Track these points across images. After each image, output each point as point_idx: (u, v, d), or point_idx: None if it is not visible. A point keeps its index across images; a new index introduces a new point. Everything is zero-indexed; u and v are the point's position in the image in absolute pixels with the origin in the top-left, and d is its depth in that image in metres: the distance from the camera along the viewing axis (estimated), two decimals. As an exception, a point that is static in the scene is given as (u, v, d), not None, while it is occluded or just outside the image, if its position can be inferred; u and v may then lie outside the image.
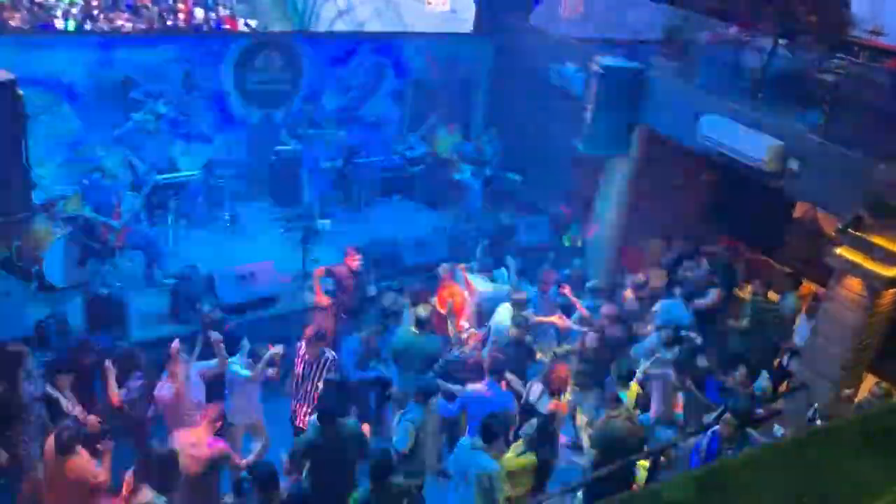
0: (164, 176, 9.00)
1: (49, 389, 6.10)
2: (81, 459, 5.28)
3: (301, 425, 6.59)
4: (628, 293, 8.57)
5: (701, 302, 8.45)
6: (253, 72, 10.21)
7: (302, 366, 6.66)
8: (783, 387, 8.09)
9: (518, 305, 7.68)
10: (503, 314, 7.75)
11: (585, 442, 7.18)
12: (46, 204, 7.94)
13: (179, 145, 9.74)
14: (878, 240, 6.35)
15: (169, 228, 8.96)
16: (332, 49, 10.80)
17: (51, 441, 5.36)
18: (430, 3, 10.74)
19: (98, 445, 5.46)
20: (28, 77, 7.38)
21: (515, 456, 6.02)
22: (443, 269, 8.31)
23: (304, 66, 10.56)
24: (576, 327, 8.00)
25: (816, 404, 6.69)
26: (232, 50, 10.05)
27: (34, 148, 6.79)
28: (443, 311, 7.93)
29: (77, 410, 6.10)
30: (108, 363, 6.15)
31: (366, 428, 6.03)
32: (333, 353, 6.84)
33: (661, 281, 9.10)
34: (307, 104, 10.72)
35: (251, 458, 5.96)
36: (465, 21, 11.46)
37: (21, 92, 6.15)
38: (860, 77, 7.31)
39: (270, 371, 6.52)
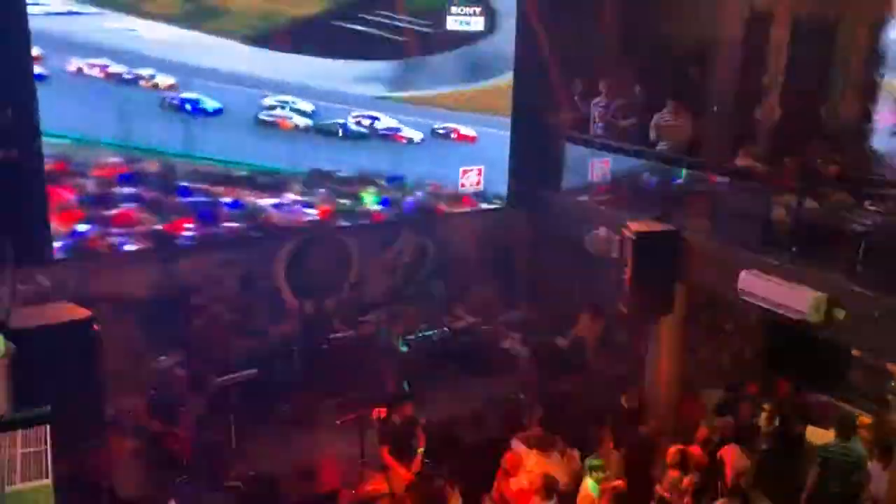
0: (223, 378, 9.30)
1: None
2: None
3: None
4: None
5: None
6: (302, 266, 10.78)
7: None
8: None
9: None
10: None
11: None
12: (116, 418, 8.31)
13: (236, 342, 10.11)
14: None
15: (231, 427, 9.16)
16: (376, 235, 11.38)
17: None
18: (463, 186, 11.36)
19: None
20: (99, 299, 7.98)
21: None
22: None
23: (351, 255, 11.14)
24: None
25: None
26: (282, 248, 10.66)
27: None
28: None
29: None
30: None
31: None
32: None
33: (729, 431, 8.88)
34: (356, 289, 11.18)
35: None
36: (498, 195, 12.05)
37: (97, 327, 6.61)
38: (888, 221, 7.39)
39: None
